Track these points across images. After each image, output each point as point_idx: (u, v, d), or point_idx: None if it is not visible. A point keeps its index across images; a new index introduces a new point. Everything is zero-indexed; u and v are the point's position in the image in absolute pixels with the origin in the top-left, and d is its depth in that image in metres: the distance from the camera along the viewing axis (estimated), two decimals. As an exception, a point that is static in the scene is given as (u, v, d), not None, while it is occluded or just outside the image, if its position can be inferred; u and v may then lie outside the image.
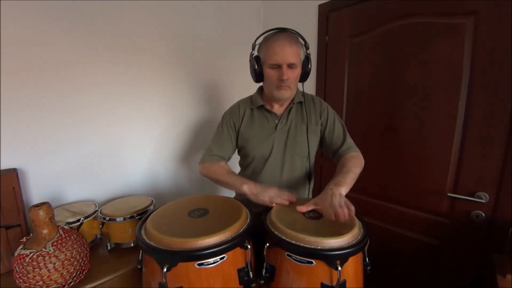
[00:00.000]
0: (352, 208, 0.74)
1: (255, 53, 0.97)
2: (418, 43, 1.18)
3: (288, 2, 1.64)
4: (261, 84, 1.04)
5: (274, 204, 0.86)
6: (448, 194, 1.16)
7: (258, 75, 0.96)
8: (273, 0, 1.72)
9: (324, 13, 1.48)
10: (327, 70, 1.52)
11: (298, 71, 0.93)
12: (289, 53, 0.88)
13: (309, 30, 1.55)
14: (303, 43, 0.94)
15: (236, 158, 1.16)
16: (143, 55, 1.28)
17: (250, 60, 0.98)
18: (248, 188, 0.91)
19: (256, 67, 0.94)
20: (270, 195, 0.88)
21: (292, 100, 1.02)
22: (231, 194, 1.14)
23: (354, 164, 0.93)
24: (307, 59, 0.95)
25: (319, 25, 1.52)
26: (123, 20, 1.20)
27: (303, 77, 0.97)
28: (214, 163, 1.05)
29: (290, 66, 0.90)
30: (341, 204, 0.73)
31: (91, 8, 1.11)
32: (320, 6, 1.50)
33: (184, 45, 1.43)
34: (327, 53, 1.51)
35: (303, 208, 0.80)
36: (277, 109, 1.03)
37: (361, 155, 1.00)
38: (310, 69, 0.96)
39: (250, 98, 1.08)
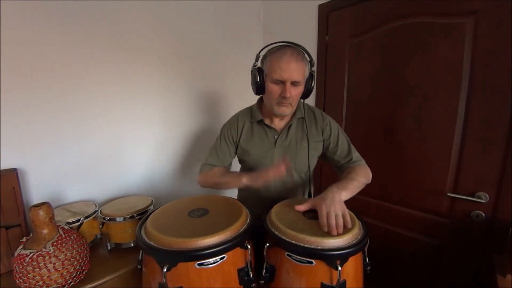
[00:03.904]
0: (348, 219, 0.72)
1: (258, 64, 0.94)
2: (418, 43, 1.18)
3: (288, 2, 1.64)
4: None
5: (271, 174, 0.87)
6: (448, 194, 1.16)
7: (259, 88, 0.93)
8: (273, 0, 1.72)
9: (324, 13, 1.48)
10: (327, 70, 1.52)
11: (301, 89, 0.91)
12: (294, 70, 0.85)
13: (309, 30, 1.55)
14: (308, 59, 0.91)
15: (237, 165, 1.16)
16: (142, 56, 1.28)
17: (252, 71, 0.93)
18: (247, 179, 0.91)
19: (258, 79, 0.91)
20: (271, 174, 0.87)
21: (293, 115, 1.00)
22: (231, 194, 1.14)
23: (360, 174, 0.91)
24: (311, 76, 0.92)
25: (319, 25, 1.52)
26: (123, 21, 1.20)
27: (306, 94, 0.95)
28: (210, 170, 1.04)
29: (294, 83, 0.87)
30: (337, 214, 0.72)
31: (91, 9, 1.11)
32: (320, 6, 1.50)
33: (184, 44, 1.43)
34: (327, 53, 1.51)
35: (301, 207, 0.80)
36: (277, 123, 1.01)
37: (368, 168, 0.98)
38: (313, 87, 0.94)
39: (250, 110, 1.06)
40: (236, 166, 1.17)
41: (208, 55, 1.55)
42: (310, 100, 1.56)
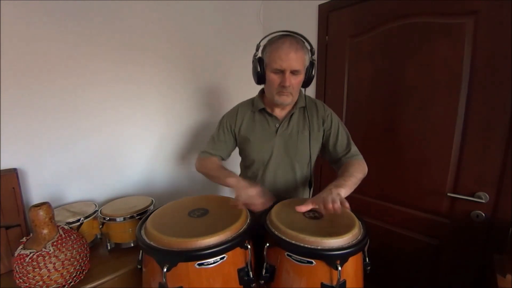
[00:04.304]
0: (347, 205, 0.72)
1: (259, 54, 0.95)
2: (418, 43, 1.18)
3: (288, 2, 1.64)
4: (262, 86, 1.02)
5: (243, 207, 0.83)
6: (448, 194, 1.16)
7: (260, 77, 0.94)
8: (273, 0, 1.72)
9: (324, 13, 1.48)
10: (327, 70, 1.52)
11: (301, 78, 0.91)
12: (293, 59, 0.85)
13: (309, 30, 1.55)
14: (309, 48, 0.92)
15: (237, 159, 1.16)
16: (143, 54, 1.28)
17: (253, 61, 0.95)
18: (233, 180, 0.88)
19: (259, 69, 0.92)
20: (248, 194, 0.83)
21: (295, 105, 1.00)
22: (231, 194, 1.14)
23: (357, 170, 0.91)
24: (311, 65, 0.93)
25: (319, 25, 1.52)
26: (123, 19, 1.20)
27: (306, 83, 0.95)
28: (207, 157, 1.05)
29: (294, 72, 0.88)
30: (334, 199, 0.72)
31: (91, 7, 1.11)
32: (320, 6, 1.50)
33: (184, 44, 1.43)
34: (327, 53, 1.51)
35: (302, 208, 0.80)
36: (279, 112, 1.02)
37: (364, 162, 0.98)
38: (314, 75, 0.95)
39: (252, 100, 1.07)
40: (236, 161, 1.17)
41: (208, 55, 1.55)
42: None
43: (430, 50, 1.15)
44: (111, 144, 1.25)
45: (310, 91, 1.58)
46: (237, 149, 1.13)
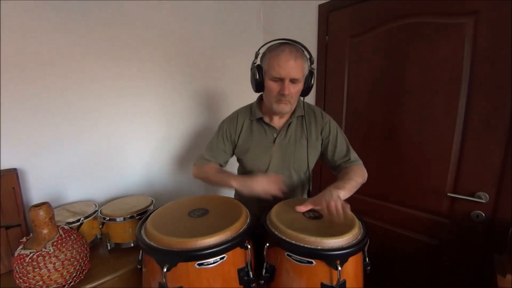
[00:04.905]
0: (348, 210, 0.73)
1: (257, 61, 0.94)
2: (418, 43, 1.18)
3: (288, 2, 1.64)
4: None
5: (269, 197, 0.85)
6: (448, 194, 1.16)
7: (258, 85, 0.93)
8: (273, 0, 1.72)
9: (324, 13, 1.48)
10: (327, 70, 1.52)
11: (300, 86, 0.90)
12: (293, 68, 0.85)
13: (309, 30, 1.55)
14: (308, 57, 0.91)
15: (235, 163, 1.15)
16: (143, 55, 1.29)
17: (251, 69, 0.94)
18: (236, 182, 0.90)
19: (257, 77, 0.91)
20: (262, 186, 0.86)
21: (293, 113, 0.99)
22: (231, 194, 1.14)
23: (357, 174, 0.91)
24: (310, 74, 0.92)
25: (319, 25, 1.52)
26: (122, 20, 1.20)
27: (305, 92, 0.94)
28: (204, 163, 1.05)
29: (293, 81, 0.87)
30: (337, 204, 0.73)
31: (91, 6, 1.10)
32: (320, 6, 1.50)
33: (184, 43, 1.43)
34: (327, 53, 1.51)
35: (302, 208, 0.80)
36: (277, 122, 1.01)
37: (364, 168, 0.98)
38: (313, 84, 0.94)
39: (250, 108, 1.05)
40: (234, 164, 1.17)
41: (209, 54, 1.55)
42: (310, 100, 1.56)
43: (430, 50, 1.15)
44: (112, 144, 1.25)
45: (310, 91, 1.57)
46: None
